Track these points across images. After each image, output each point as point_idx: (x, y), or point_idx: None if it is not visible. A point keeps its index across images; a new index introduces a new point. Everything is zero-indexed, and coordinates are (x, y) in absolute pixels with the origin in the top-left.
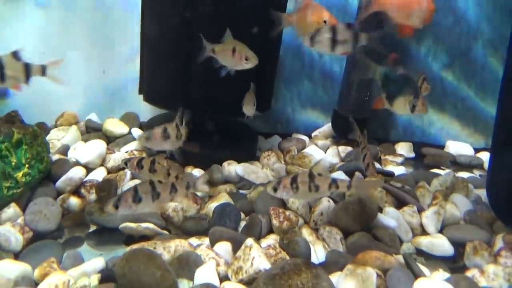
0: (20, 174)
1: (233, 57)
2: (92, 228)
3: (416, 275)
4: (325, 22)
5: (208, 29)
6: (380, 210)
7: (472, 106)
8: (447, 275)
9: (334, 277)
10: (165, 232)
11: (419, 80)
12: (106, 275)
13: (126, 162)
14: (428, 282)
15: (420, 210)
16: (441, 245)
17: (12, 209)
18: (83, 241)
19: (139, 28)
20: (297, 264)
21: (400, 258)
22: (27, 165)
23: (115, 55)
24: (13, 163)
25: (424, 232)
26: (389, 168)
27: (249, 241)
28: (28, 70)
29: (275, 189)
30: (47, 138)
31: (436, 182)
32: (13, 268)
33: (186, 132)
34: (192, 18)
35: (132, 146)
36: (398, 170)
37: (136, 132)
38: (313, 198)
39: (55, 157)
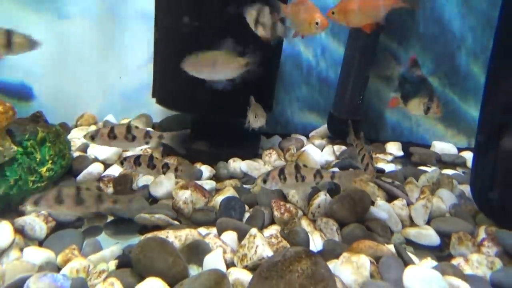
0: (44, 169)
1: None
2: (109, 218)
3: (406, 262)
4: (317, 23)
5: (215, 37)
6: (372, 203)
7: (456, 109)
8: (434, 263)
9: (331, 264)
10: (176, 222)
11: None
12: (123, 261)
13: (122, 161)
14: (417, 269)
15: (409, 204)
16: (428, 235)
17: None
18: (101, 230)
19: (152, 36)
20: (297, 252)
21: (391, 247)
22: (50, 161)
23: (130, 62)
24: (37, 159)
25: (412, 223)
26: (380, 165)
27: (253, 230)
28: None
29: (264, 181)
30: (69, 137)
31: (423, 178)
32: (38, 254)
33: (143, 135)
34: (201, 27)
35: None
36: (388, 167)
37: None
38: (300, 187)
39: (76, 154)
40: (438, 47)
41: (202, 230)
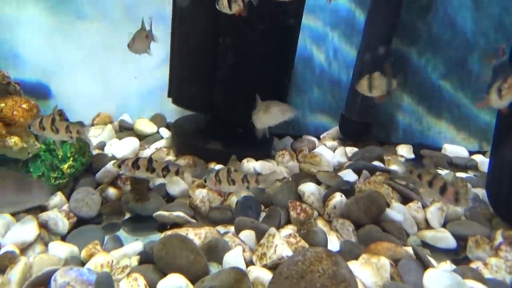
0: (65, 166)
1: None
2: (127, 215)
3: (426, 265)
4: None
5: (231, 39)
6: (387, 205)
7: (467, 113)
8: (453, 266)
9: (350, 265)
10: (194, 220)
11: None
12: (145, 257)
13: (119, 164)
14: (438, 272)
15: (424, 206)
16: (444, 238)
17: (58, 197)
18: (119, 227)
19: (167, 38)
20: (318, 252)
21: (408, 249)
22: (71, 158)
23: (145, 62)
24: (59, 156)
25: (428, 226)
26: (393, 167)
27: (272, 230)
28: None
29: (205, 181)
30: None
31: None
32: (62, 249)
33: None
34: (217, 29)
35: (161, 143)
36: (401, 170)
37: (164, 131)
38: (231, 190)
39: (94, 152)
40: (450, 50)
41: (220, 229)
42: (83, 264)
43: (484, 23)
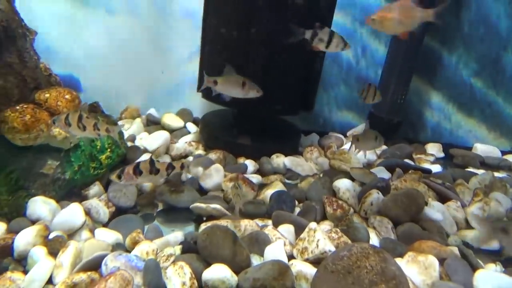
0: (103, 156)
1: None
2: (160, 207)
3: (474, 266)
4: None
5: (262, 34)
6: (425, 203)
7: (499, 112)
8: (501, 268)
9: None
10: (229, 213)
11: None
12: (187, 247)
13: (119, 175)
14: (489, 273)
15: (464, 206)
16: None
17: (97, 187)
18: (153, 218)
19: (195, 33)
20: (364, 248)
21: (453, 249)
22: (109, 149)
23: (172, 58)
24: (98, 147)
25: (468, 226)
26: (424, 166)
27: (313, 224)
28: None
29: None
30: None
31: (474, 180)
32: (108, 236)
33: (92, 124)
34: (248, 24)
35: (189, 138)
36: (434, 168)
37: (191, 126)
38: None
39: (129, 144)
40: (483, 47)
41: (258, 222)
42: (127, 251)
43: None
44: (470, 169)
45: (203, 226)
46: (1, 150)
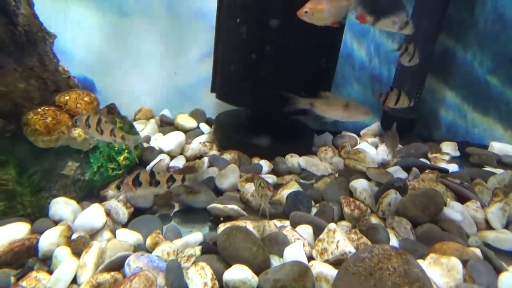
0: (121, 157)
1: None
2: (176, 207)
3: (497, 268)
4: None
5: (277, 33)
6: (444, 204)
7: None
8: None
9: None
10: (246, 214)
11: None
12: (206, 248)
13: (118, 185)
14: None
15: (483, 206)
16: (508, 240)
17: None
18: (171, 219)
19: (208, 34)
20: (386, 249)
21: (475, 250)
22: (126, 150)
23: (185, 59)
24: (116, 148)
25: (488, 227)
26: (440, 165)
27: (332, 225)
28: None
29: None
30: None
31: (493, 179)
32: (130, 236)
33: (109, 129)
34: (262, 24)
35: (202, 138)
36: (451, 167)
37: (204, 126)
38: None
39: (145, 145)
40: (498, 45)
41: (276, 223)
42: (147, 251)
43: None
44: (487, 168)
45: (221, 227)
46: (23, 152)
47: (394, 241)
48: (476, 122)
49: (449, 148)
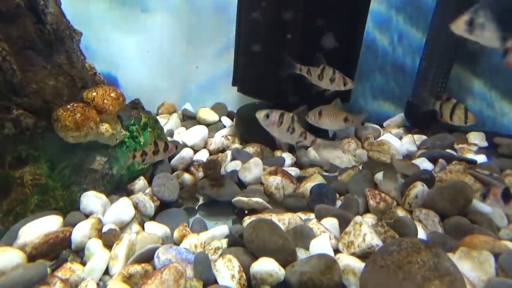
0: None
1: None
2: (201, 200)
3: None
4: None
5: (299, 26)
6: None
7: None
8: None
9: None
10: (270, 206)
11: None
12: (232, 240)
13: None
14: None
15: None
16: None
17: (142, 181)
18: (196, 212)
19: (229, 27)
20: (415, 242)
21: (507, 243)
22: (152, 144)
23: (206, 53)
24: (141, 143)
25: None
26: (468, 156)
27: (359, 218)
28: None
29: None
30: None
31: None
32: (158, 228)
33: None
34: (284, 16)
35: (224, 132)
36: (479, 158)
37: (225, 120)
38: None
39: (169, 139)
40: None
41: (301, 215)
42: (175, 243)
43: None
44: None
45: (247, 220)
46: (54, 147)
47: (422, 234)
48: (504, 111)
49: (476, 138)
